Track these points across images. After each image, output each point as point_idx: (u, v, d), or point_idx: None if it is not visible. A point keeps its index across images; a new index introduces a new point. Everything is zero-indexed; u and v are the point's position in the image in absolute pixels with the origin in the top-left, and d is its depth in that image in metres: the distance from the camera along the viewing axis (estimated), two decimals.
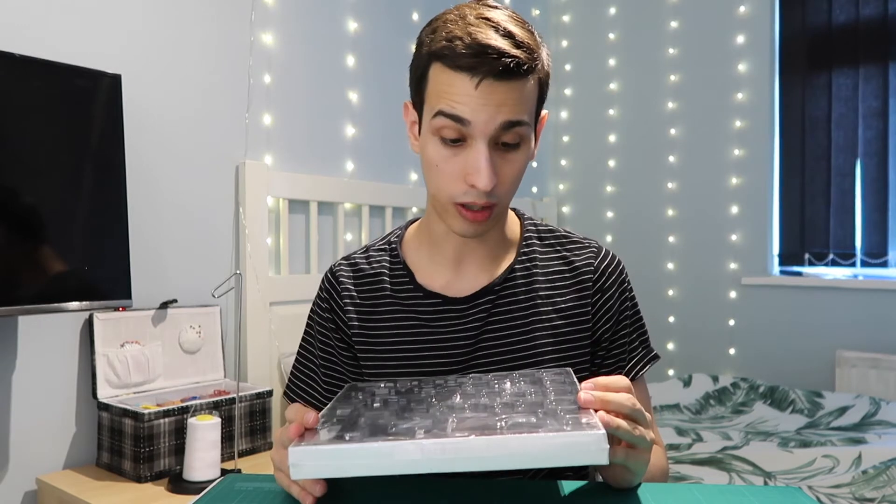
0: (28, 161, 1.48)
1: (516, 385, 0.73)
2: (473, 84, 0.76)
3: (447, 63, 0.78)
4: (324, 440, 0.58)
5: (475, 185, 0.78)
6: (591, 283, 0.92)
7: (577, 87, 3.47)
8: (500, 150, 0.80)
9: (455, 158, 0.80)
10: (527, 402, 0.66)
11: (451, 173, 0.80)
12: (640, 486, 0.70)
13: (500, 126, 0.78)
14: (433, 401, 0.69)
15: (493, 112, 0.77)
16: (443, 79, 0.79)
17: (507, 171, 0.81)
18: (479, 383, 0.76)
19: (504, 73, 0.76)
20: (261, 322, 2.09)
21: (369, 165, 2.52)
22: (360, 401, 0.72)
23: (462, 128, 0.78)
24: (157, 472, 1.58)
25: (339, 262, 0.99)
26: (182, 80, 1.96)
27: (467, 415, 0.63)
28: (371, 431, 0.60)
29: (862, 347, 2.65)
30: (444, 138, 0.80)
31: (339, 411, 0.68)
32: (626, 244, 3.22)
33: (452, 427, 0.59)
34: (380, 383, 0.81)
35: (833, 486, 1.70)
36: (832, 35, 2.80)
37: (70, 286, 1.53)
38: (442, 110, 0.79)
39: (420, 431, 0.58)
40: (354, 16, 2.47)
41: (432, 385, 0.77)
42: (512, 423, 0.58)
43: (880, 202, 2.69)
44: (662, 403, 2.58)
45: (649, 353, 0.97)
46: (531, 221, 0.98)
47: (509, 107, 0.78)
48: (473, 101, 0.77)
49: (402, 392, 0.75)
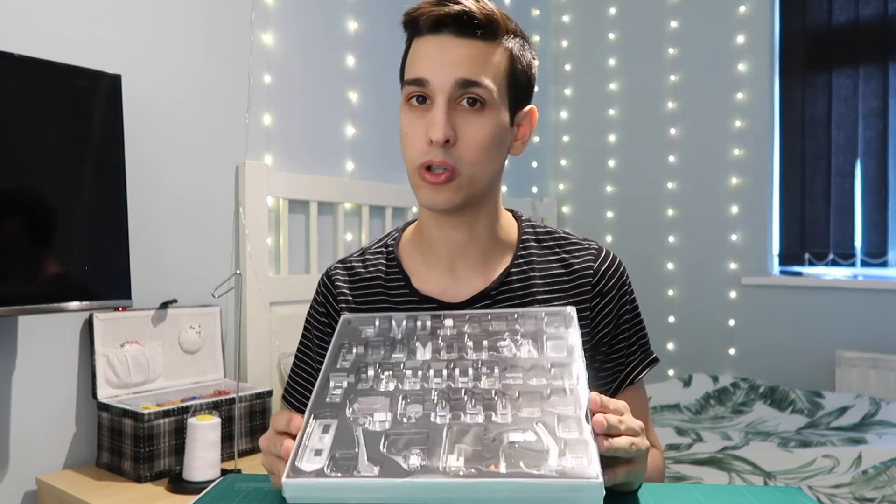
0: (28, 161, 1.47)
1: (518, 350, 0.72)
2: (435, 41, 0.82)
3: (415, 31, 0.84)
4: (315, 470, 0.57)
5: (431, 137, 0.80)
6: (589, 287, 0.90)
7: (577, 87, 3.46)
8: (461, 109, 0.82)
9: (419, 121, 0.83)
10: (526, 390, 0.65)
11: (416, 137, 0.83)
12: (639, 487, 0.70)
13: (456, 83, 0.80)
14: (431, 392, 0.66)
15: (450, 69, 0.80)
16: (412, 50, 0.85)
17: (468, 132, 0.81)
18: (478, 353, 0.72)
19: (459, 24, 0.80)
20: (261, 322, 2.09)
21: (369, 165, 2.51)
22: (352, 384, 0.69)
23: (423, 89, 0.82)
24: (156, 472, 1.58)
25: (334, 266, 0.98)
26: (182, 80, 1.95)
27: (465, 421, 0.61)
28: (369, 454, 0.58)
29: (862, 347, 2.65)
30: (411, 105, 0.83)
31: (327, 418, 0.65)
32: (626, 244, 3.22)
33: (448, 455, 0.57)
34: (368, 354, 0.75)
35: (833, 486, 1.70)
36: (832, 35, 2.80)
37: (70, 286, 1.53)
38: (407, 79, 0.84)
39: (415, 458, 0.57)
40: (354, 16, 2.47)
41: (427, 367, 0.72)
42: (511, 454, 0.57)
43: (880, 202, 2.69)
44: (662, 403, 2.58)
45: (648, 357, 0.95)
46: (529, 223, 0.96)
47: (466, 66, 0.81)
48: (431, 59, 0.81)
49: (391, 365, 0.71)
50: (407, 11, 0.85)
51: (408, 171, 0.86)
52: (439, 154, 0.81)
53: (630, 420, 0.64)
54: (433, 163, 0.81)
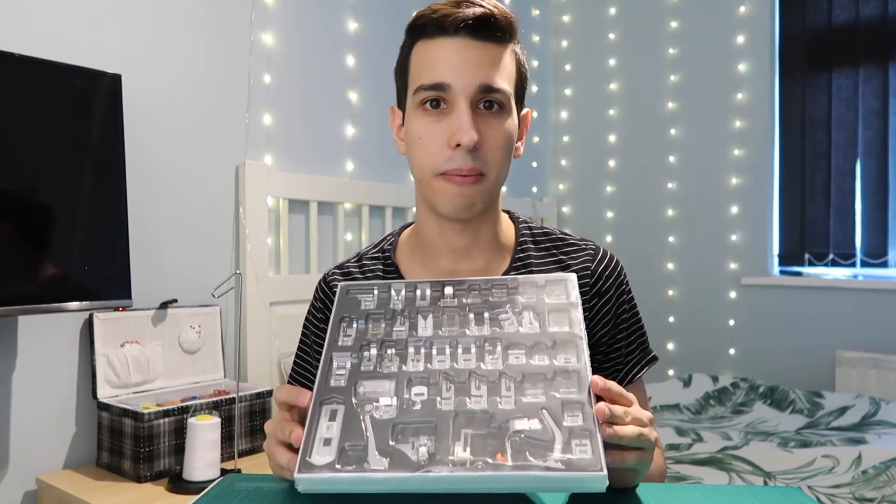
0: (28, 161, 1.48)
1: (519, 325, 0.72)
2: (454, 44, 0.80)
3: (428, 32, 0.82)
4: (326, 463, 0.58)
5: (460, 142, 0.79)
6: (588, 288, 0.90)
7: (577, 87, 3.47)
8: (482, 113, 0.81)
9: (437, 126, 0.81)
10: (529, 371, 0.65)
11: (434, 142, 0.81)
12: (639, 486, 0.70)
13: (479, 88, 0.80)
14: (432, 375, 0.67)
15: (472, 73, 0.80)
16: (423, 53, 0.83)
17: (490, 136, 0.81)
18: (477, 336, 0.71)
19: (480, 27, 0.80)
20: (261, 322, 2.09)
21: (369, 165, 2.52)
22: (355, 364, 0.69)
23: (443, 94, 0.80)
24: (156, 472, 1.58)
25: (332, 271, 0.98)
26: (182, 80, 1.96)
27: (470, 408, 0.62)
28: (378, 446, 0.59)
29: (862, 347, 2.65)
30: (427, 109, 0.82)
31: (334, 404, 0.65)
32: (626, 244, 3.22)
33: (455, 443, 0.59)
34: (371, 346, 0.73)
35: (833, 486, 1.70)
36: (832, 35, 2.80)
37: (70, 286, 1.53)
38: (423, 83, 0.81)
39: (423, 448, 0.58)
40: (354, 16, 2.47)
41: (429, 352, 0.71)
42: (517, 443, 0.58)
43: (880, 202, 2.69)
44: (662, 403, 2.58)
45: (647, 355, 0.96)
46: (526, 224, 0.96)
47: (486, 70, 0.80)
48: (452, 62, 0.80)
49: (396, 345, 0.71)
50: (420, 13, 0.83)
51: (422, 177, 0.84)
52: (468, 160, 0.80)
53: (637, 411, 0.64)
54: (462, 170, 0.80)
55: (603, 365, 0.92)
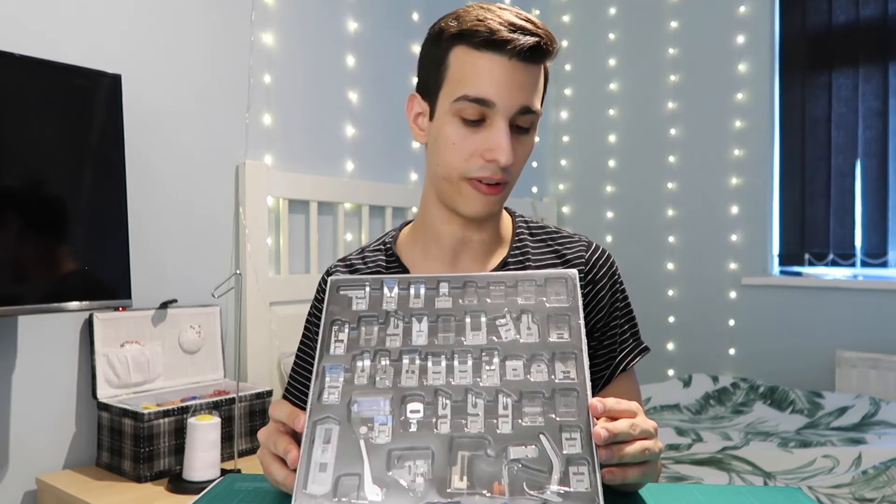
0: (28, 161, 1.48)
1: (518, 333, 0.70)
2: (502, 63, 0.81)
3: (476, 43, 0.82)
4: (322, 494, 0.59)
5: (496, 160, 0.82)
6: (582, 275, 0.93)
7: (577, 87, 3.47)
8: (515, 131, 0.84)
9: (474, 136, 0.83)
10: (527, 389, 0.64)
11: (467, 150, 0.84)
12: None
13: (518, 109, 0.82)
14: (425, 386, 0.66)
15: (516, 94, 0.82)
16: (468, 61, 0.82)
17: (519, 152, 0.86)
18: (474, 350, 0.69)
19: (531, 52, 0.81)
20: (261, 322, 2.09)
21: (369, 165, 2.52)
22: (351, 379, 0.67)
23: (485, 109, 0.82)
24: (156, 472, 1.58)
25: (335, 264, 1.00)
26: (182, 80, 1.96)
27: (467, 432, 0.62)
28: (373, 475, 0.59)
29: (862, 347, 2.65)
30: (466, 119, 0.83)
31: (328, 423, 0.64)
32: (626, 244, 3.22)
33: (452, 469, 0.59)
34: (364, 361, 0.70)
35: (833, 487, 1.70)
36: (832, 35, 2.80)
37: (70, 286, 1.53)
38: (466, 94, 0.82)
39: (420, 477, 0.59)
40: (354, 16, 2.47)
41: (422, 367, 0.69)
42: (514, 473, 0.59)
43: (880, 202, 2.69)
44: (662, 403, 2.58)
45: (640, 346, 0.98)
46: (522, 218, 1.00)
47: (527, 92, 0.83)
48: (499, 82, 0.81)
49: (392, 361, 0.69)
50: (472, 22, 0.82)
51: (448, 177, 0.86)
52: (497, 172, 0.84)
53: (644, 422, 0.63)
54: (492, 179, 0.84)
55: (598, 352, 0.94)
